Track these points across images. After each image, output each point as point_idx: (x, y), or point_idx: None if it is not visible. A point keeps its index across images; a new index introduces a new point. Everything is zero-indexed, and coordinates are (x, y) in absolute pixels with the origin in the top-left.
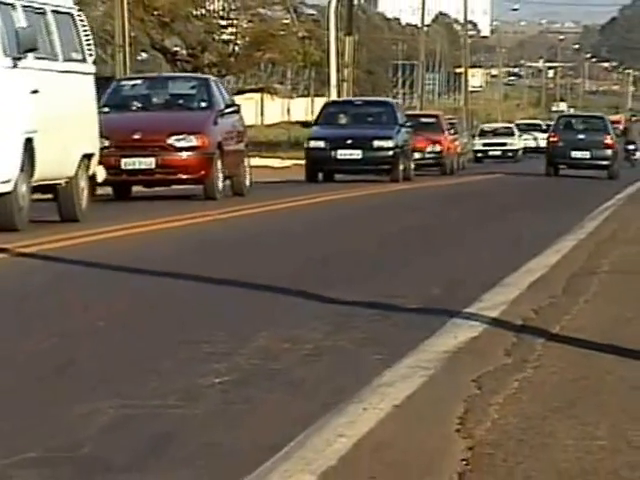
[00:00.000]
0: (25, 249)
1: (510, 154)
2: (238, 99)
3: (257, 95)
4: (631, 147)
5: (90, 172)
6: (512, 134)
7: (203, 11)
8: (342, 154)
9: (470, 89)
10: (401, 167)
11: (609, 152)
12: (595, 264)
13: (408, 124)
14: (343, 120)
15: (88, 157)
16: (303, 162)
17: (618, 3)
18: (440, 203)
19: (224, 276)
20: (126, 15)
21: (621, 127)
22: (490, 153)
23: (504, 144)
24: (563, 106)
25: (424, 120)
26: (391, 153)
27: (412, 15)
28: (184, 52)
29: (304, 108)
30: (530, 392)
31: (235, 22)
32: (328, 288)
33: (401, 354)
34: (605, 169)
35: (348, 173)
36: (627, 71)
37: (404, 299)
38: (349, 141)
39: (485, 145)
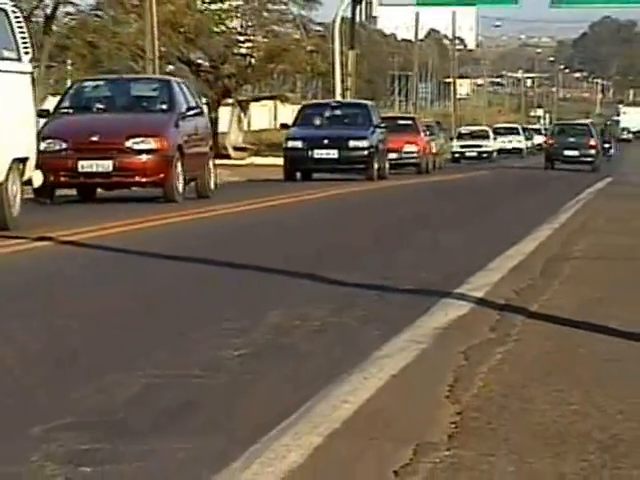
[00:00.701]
0: None
1: (485, 155)
2: (254, 106)
3: (271, 102)
4: (607, 145)
5: (25, 177)
6: (487, 137)
7: (223, 28)
8: (319, 154)
9: (458, 97)
10: (376, 166)
11: (593, 151)
12: (568, 251)
13: (382, 125)
14: (320, 121)
15: (22, 161)
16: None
17: (588, 20)
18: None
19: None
20: (156, 32)
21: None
22: (467, 154)
23: (480, 146)
24: (540, 112)
25: (401, 122)
26: (366, 153)
27: (407, 31)
28: (207, 64)
29: None
30: (511, 363)
31: (252, 38)
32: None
33: (398, 330)
34: (590, 164)
35: (325, 172)
36: (596, 80)
37: (401, 281)
38: (326, 141)
39: (462, 147)
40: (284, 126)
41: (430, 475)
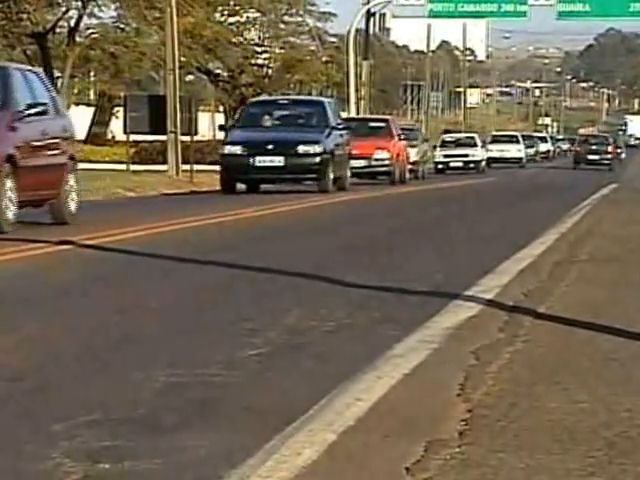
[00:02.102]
0: None
1: (472, 165)
2: None
3: None
4: (619, 150)
5: None
6: (474, 145)
7: (241, 39)
8: (262, 161)
9: (468, 106)
10: (331, 176)
11: (609, 156)
12: (575, 254)
13: (342, 127)
14: (267, 122)
15: None
16: None
17: (594, 32)
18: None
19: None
20: (176, 43)
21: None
22: (451, 164)
23: (466, 155)
24: (547, 120)
25: (373, 124)
26: (318, 160)
27: (419, 43)
28: (225, 74)
29: None
30: (520, 362)
31: (269, 49)
32: None
33: (410, 330)
34: (607, 165)
35: (268, 183)
36: (602, 90)
37: (414, 284)
38: (270, 146)
39: (446, 156)
40: (222, 128)
41: (441, 471)
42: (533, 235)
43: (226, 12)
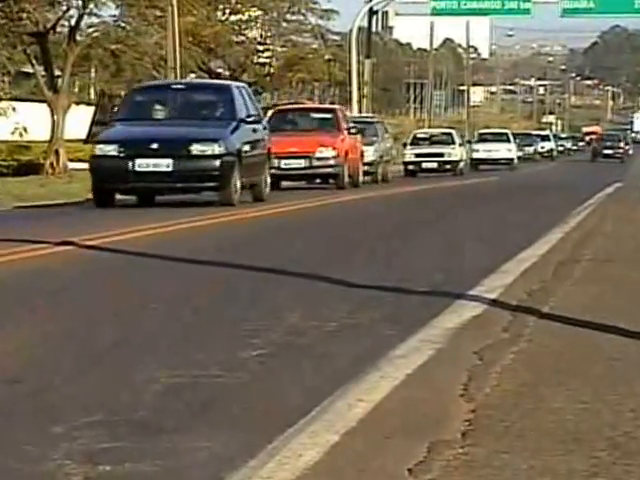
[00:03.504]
0: None
1: (448, 166)
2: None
3: None
4: (627, 147)
5: None
6: (451, 142)
7: (243, 38)
8: (143, 165)
9: (472, 104)
10: (237, 183)
11: (621, 150)
12: (579, 253)
13: (257, 119)
14: (157, 114)
15: None
16: None
17: (598, 29)
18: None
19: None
20: (177, 42)
21: (595, 137)
22: (424, 165)
23: (440, 154)
24: (552, 118)
25: (316, 116)
26: (217, 163)
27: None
28: (226, 73)
29: None
30: (524, 363)
31: (270, 47)
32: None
33: (413, 330)
34: (619, 159)
35: (152, 193)
36: (607, 88)
37: (415, 283)
38: (154, 145)
39: (418, 156)
40: (100, 124)
41: (444, 472)
42: (536, 235)
43: (227, 10)
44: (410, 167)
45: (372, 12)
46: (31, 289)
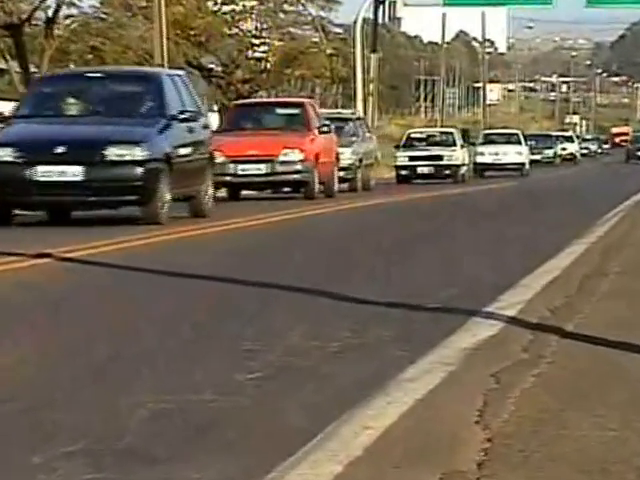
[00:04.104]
0: None
1: (448, 172)
2: None
3: None
4: None
5: None
6: (452, 144)
7: (236, 30)
8: (46, 174)
9: (488, 103)
10: (166, 196)
11: None
12: (606, 266)
13: (191, 116)
14: (67, 109)
15: None
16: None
17: (627, 21)
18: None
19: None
20: (164, 35)
21: (628, 138)
22: (419, 170)
23: (439, 158)
24: (576, 118)
25: (281, 111)
26: (140, 171)
27: (433, 33)
28: (218, 69)
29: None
30: (545, 386)
31: (267, 40)
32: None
33: (423, 351)
34: None
35: (57, 207)
36: (636, 85)
37: (425, 299)
38: (60, 149)
39: (412, 159)
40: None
41: None
42: (559, 245)
43: (220, 0)
44: (403, 172)
45: (378, 2)
46: None
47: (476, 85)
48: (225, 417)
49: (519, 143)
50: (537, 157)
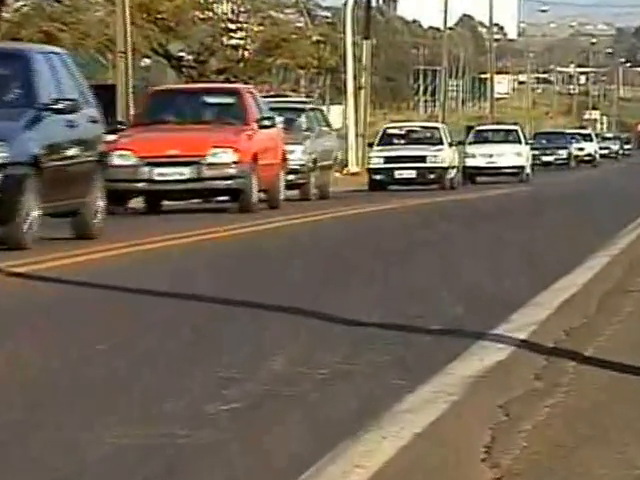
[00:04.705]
0: None
1: (432, 176)
2: None
3: None
4: None
5: None
6: (437, 142)
7: (210, 14)
8: None
9: (496, 96)
10: (34, 212)
11: None
12: (630, 282)
13: (72, 106)
14: None
15: None
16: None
17: None
18: None
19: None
20: (128, 19)
21: None
22: (398, 174)
23: (421, 159)
24: (596, 114)
25: (212, 100)
26: None
27: (434, 18)
28: (190, 58)
29: None
30: (561, 418)
31: (245, 26)
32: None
33: (423, 378)
34: None
35: None
36: None
37: (426, 319)
38: None
39: (388, 160)
40: None
41: None
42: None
43: None
44: (377, 177)
45: None
46: None
47: (482, 76)
48: (195, 454)
49: (518, 142)
50: (549, 158)
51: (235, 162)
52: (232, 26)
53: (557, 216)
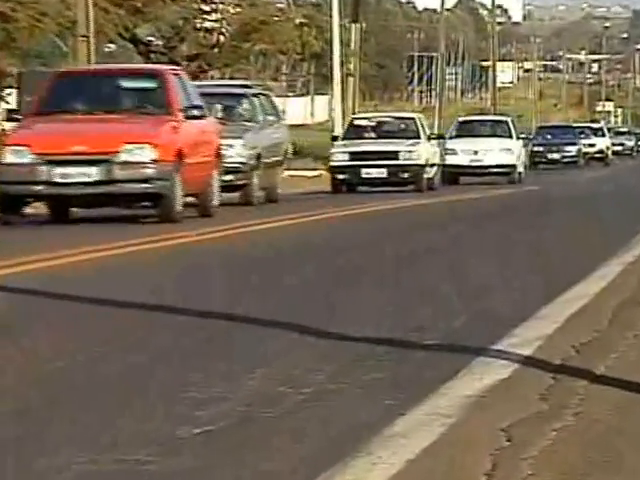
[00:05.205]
0: None
1: (407, 175)
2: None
3: None
4: None
5: None
6: (413, 135)
7: None
8: None
9: (499, 86)
10: None
11: None
12: None
13: None
14: None
15: None
16: (304, 173)
17: None
18: None
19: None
20: (90, 0)
21: None
22: (365, 173)
23: (393, 155)
24: (609, 106)
25: (128, 84)
26: None
27: None
28: (159, 42)
29: (302, 109)
30: (570, 444)
31: (220, 7)
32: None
33: (417, 398)
34: None
35: None
36: None
37: (421, 333)
38: None
39: (355, 157)
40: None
41: None
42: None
43: None
44: (341, 176)
45: None
46: None
47: (484, 64)
48: None
49: (508, 136)
50: (555, 156)
51: (154, 160)
52: (206, 7)
53: (564, 218)
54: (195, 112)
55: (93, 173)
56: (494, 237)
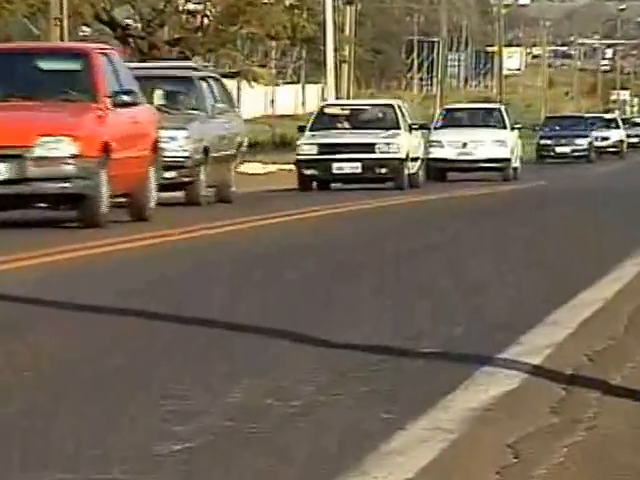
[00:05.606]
0: None
1: (384, 170)
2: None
3: (232, 82)
4: None
5: None
6: (391, 126)
7: None
8: None
9: (505, 73)
10: None
11: None
12: None
13: None
14: None
15: None
16: (291, 167)
17: None
18: None
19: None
20: None
21: None
22: (337, 168)
23: (369, 148)
24: (625, 95)
25: (47, 66)
26: None
27: None
28: (138, 26)
29: (293, 98)
30: (582, 460)
31: None
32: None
33: (416, 412)
34: None
35: None
36: None
37: (419, 341)
38: None
39: (324, 150)
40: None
41: None
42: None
43: None
44: (309, 172)
45: None
46: None
47: (489, 49)
48: None
49: (501, 126)
50: (564, 149)
51: (74, 156)
52: None
53: (573, 216)
54: (126, 98)
55: (2, 170)
56: (493, 235)
